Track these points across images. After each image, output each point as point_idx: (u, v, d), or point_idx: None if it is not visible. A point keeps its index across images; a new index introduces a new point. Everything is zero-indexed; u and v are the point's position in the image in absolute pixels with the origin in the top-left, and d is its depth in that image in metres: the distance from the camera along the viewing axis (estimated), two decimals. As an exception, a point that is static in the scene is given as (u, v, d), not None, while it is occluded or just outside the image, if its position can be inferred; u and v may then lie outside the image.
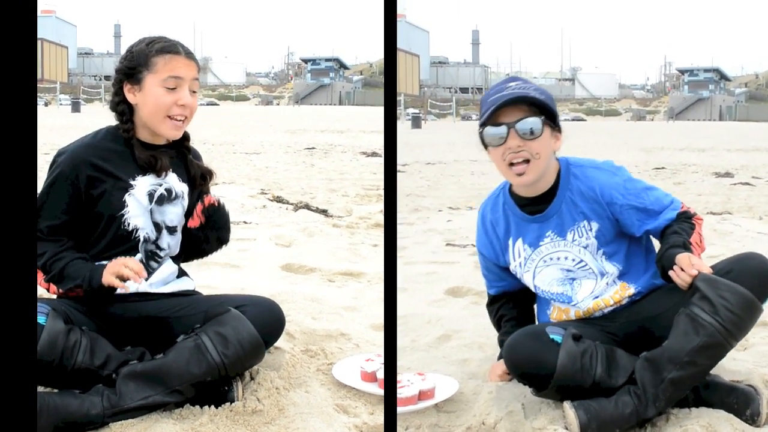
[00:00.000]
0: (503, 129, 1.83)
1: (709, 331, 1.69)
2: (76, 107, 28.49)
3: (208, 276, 3.33)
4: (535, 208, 1.94)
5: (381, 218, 5.24)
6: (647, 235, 1.98)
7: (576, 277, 1.94)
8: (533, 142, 1.83)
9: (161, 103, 1.95)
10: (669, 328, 1.77)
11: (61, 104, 34.94)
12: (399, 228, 4.85)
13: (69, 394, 1.80)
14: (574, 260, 1.93)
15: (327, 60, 71.33)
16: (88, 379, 1.83)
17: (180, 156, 2.09)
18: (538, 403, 1.86)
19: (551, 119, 1.86)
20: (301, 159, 11.13)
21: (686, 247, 1.81)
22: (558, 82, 77.49)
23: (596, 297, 1.94)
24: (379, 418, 1.93)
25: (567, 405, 1.75)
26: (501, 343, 2.09)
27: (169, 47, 1.98)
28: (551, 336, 1.80)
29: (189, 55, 2.00)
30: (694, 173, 9.99)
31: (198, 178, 2.10)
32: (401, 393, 1.86)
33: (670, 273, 1.79)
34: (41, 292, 2.03)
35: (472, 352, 2.32)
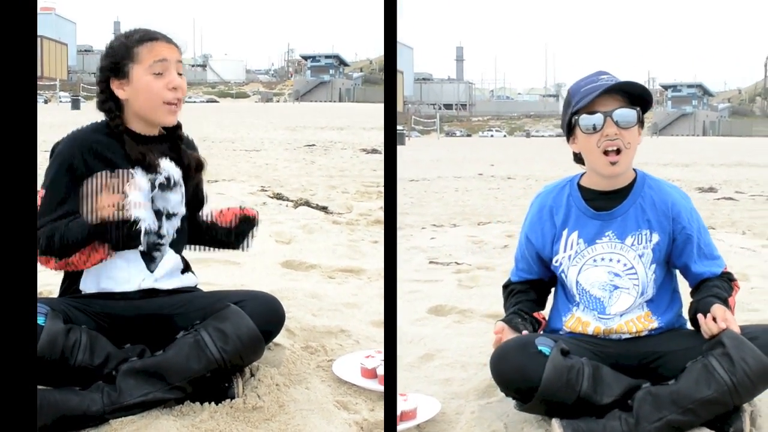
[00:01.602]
0: (599, 117, 1.85)
1: (722, 388, 1.70)
2: (75, 105, 28.45)
3: (208, 273, 3.33)
4: (601, 204, 1.93)
5: (381, 215, 5.24)
6: (675, 275, 2.00)
7: (619, 286, 1.92)
8: (627, 132, 1.85)
9: (153, 90, 1.95)
10: (674, 369, 1.79)
11: (60, 101, 34.92)
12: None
13: (69, 390, 1.80)
14: (625, 265, 1.91)
15: (327, 57, 71.31)
16: (88, 377, 1.83)
17: (173, 144, 2.09)
18: (521, 422, 1.85)
19: (643, 111, 1.89)
20: (301, 156, 11.14)
21: (726, 303, 1.85)
22: (542, 98, 77.40)
23: (623, 314, 1.92)
24: (379, 415, 1.93)
25: (556, 423, 1.74)
26: (506, 310, 2.08)
27: (149, 35, 1.98)
28: (539, 347, 1.79)
29: (169, 39, 2.00)
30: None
31: (192, 168, 2.10)
32: None
33: (699, 317, 1.82)
34: (40, 291, 2.02)
35: (455, 372, 2.29)
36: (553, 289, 2.10)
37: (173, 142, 2.08)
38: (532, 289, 2.09)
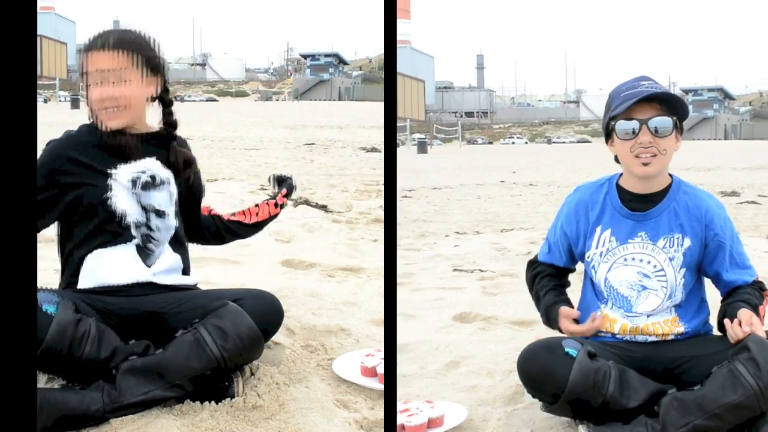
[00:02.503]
0: (635, 124, 1.88)
1: (748, 392, 1.70)
2: (75, 104, 28.35)
3: (208, 271, 3.32)
4: (636, 205, 1.95)
5: (381, 213, 5.23)
6: (704, 284, 2.01)
7: (647, 287, 1.93)
8: (662, 140, 1.88)
9: (91, 99, 2.00)
10: (699, 374, 1.80)
11: (60, 101, 34.85)
12: (406, 254, 4.78)
13: (69, 390, 1.81)
14: (655, 267, 1.92)
15: (326, 55, 71.17)
16: (95, 370, 1.83)
17: (163, 143, 2.11)
18: (547, 428, 1.86)
19: (680, 120, 1.92)
20: (300, 155, 11.14)
21: (755, 309, 1.86)
22: (563, 104, 76.99)
23: (650, 315, 1.93)
24: (380, 413, 1.93)
25: (582, 429, 1.75)
26: (536, 294, 2.09)
27: (90, 43, 2.01)
28: (566, 349, 1.80)
29: (110, 46, 1.99)
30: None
31: (180, 165, 2.12)
32: (410, 421, 1.84)
33: (726, 321, 1.83)
34: (45, 283, 2.02)
35: (481, 379, 2.30)
36: (581, 285, 2.09)
37: (161, 140, 2.10)
38: (557, 274, 2.11)
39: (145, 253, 2.01)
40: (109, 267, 1.98)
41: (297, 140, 13.99)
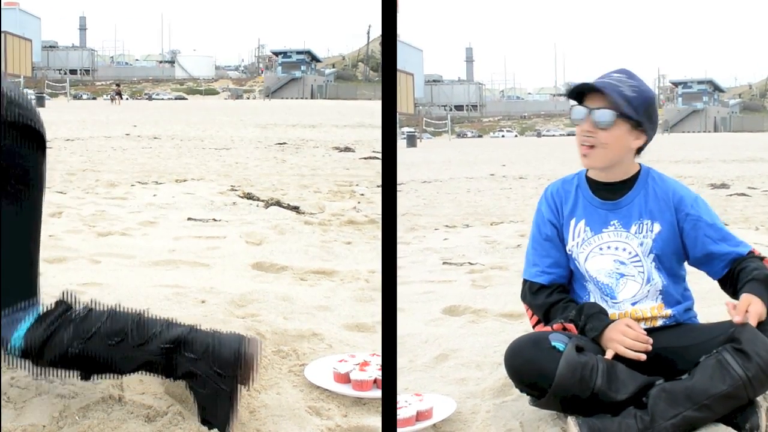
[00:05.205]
0: (583, 111, 1.91)
1: (736, 382, 1.72)
2: (40, 102, 27.79)
3: (177, 275, 3.28)
4: (606, 195, 1.98)
5: (354, 215, 5.22)
6: (685, 272, 2.01)
7: (624, 274, 1.95)
8: (603, 132, 1.89)
9: None
10: (687, 364, 1.80)
11: (25, 98, 34.08)
12: None
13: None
14: (630, 253, 1.95)
15: (298, 53, 70.84)
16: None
17: None
18: (536, 420, 1.86)
19: (633, 117, 1.89)
20: (272, 154, 11.05)
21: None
22: (552, 97, 77.75)
23: (635, 303, 1.95)
24: (353, 420, 1.91)
25: (571, 422, 1.75)
26: (569, 318, 1.93)
27: None
28: (553, 343, 1.79)
29: None
30: (690, 185, 10.03)
31: None
32: (399, 414, 1.83)
33: (729, 305, 1.80)
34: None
35: (470, 372, 2.30)
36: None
37: None
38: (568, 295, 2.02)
39: None
40: None
41: (268, 139, 13.88)
